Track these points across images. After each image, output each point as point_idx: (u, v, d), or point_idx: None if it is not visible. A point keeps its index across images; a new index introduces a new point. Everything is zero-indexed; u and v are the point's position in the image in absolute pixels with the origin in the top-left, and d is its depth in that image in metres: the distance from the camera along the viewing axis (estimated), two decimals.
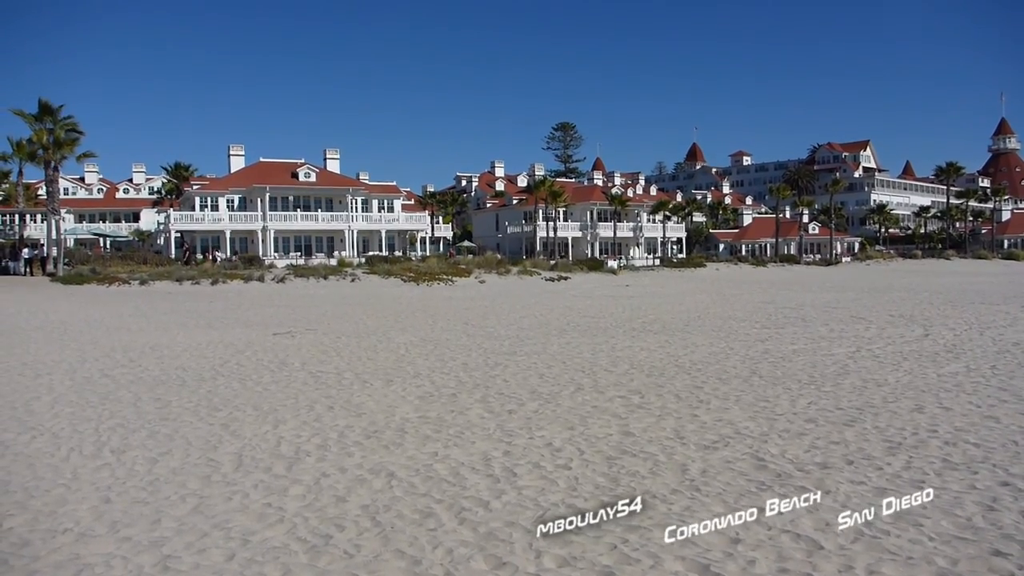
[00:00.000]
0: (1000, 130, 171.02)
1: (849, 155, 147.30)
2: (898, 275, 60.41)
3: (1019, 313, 25.00)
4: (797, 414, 10.40)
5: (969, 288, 40.69)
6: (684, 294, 39.32)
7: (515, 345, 18.50)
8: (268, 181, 66.46)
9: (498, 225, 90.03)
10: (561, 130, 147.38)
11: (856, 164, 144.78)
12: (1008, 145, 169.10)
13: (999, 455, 8.17)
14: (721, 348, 17.37)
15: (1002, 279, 50.94)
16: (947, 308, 27.62)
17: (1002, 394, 11.51)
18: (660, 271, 68.11)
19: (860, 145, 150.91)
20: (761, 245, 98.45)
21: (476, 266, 57.71)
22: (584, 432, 9.55)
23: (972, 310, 26.54)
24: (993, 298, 32.49)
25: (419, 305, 32.68)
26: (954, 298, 32.92)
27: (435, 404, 11.46)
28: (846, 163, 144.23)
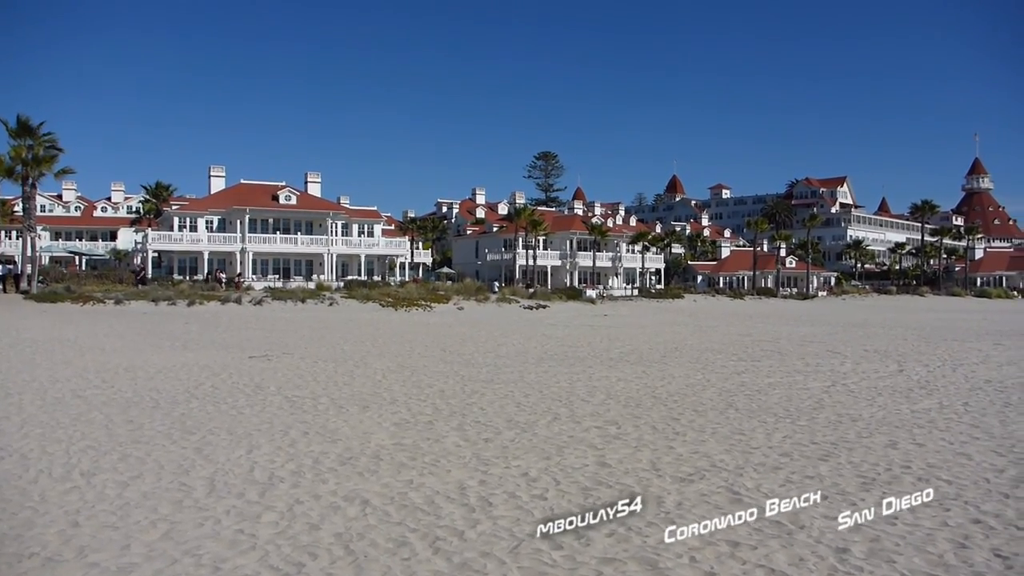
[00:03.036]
0: (974, 170, 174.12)
1: (826, 191, 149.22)
2: (873, 310, 61.02)
3: (991, 350, 25.32)
4: (772, 448, 10.45)
5: (942, 325, 41.17)
6: (662, 325, 39.49)
7: (493, 373, 18.47)
8: (248, 203, 66.23)
9: (478, 252, 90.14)
10: (543, 159, 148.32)
11: (833, 200, 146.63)
12: (981, 185, 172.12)
13: (971, 492, 8.24)
14: (698, 380, 17.44)
15: (975, 316, 51.60)
16: (921, 344, 27.92)
17: (974, 431, 11.63)
18: (638, 301, 68.38)
19: (837, 181, 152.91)
20: (739, 278, 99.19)
21: (455, 293, 57.68)
22: (560, 462, 9.53)
23: (945, 347, 26.84)
24: (966, 335, 32.89)
25: (397, 331, 32.57)
26: (928, 334, 33.29)
27: (411, 431, 11.39)
28: (823, 198, 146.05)
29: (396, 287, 59.48)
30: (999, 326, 40.18)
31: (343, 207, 75.55)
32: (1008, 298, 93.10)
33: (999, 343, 28.47)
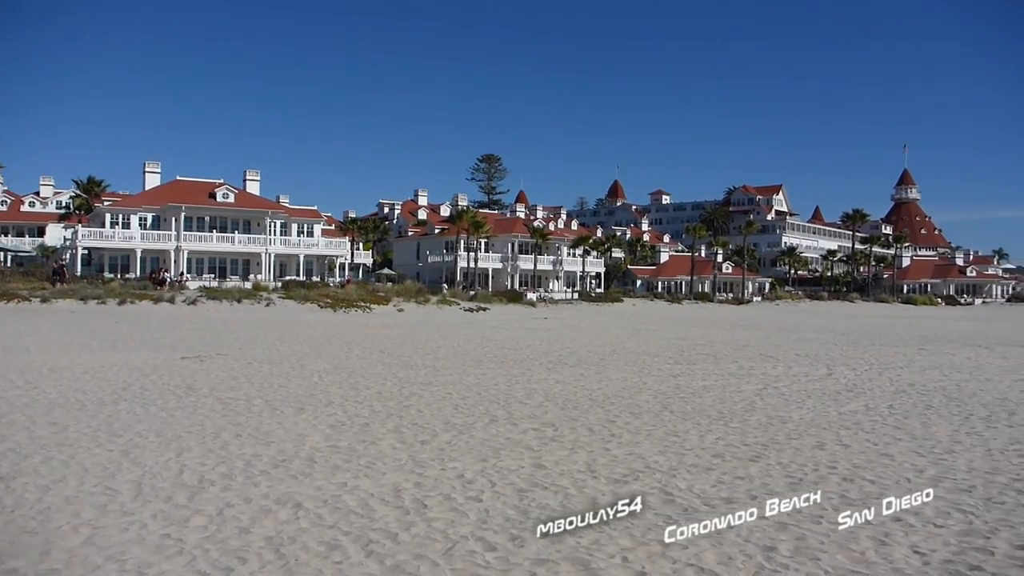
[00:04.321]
0: (903, 180, 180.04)
1: (763, 198, 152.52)
2: (805, 316, 62.55)
3: (915, 355, 26.17)
4: (705, 449, 10.62)
5: (871, 330, 42.42)
6: (601, 328, 39.85)
7: (431, 375, 18.41)
8: (184, 200, 64.84)
9: (419, 254, 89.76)
10: (486, 162, 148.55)
11: (769, 207, 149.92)
12: (910, 195, 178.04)
13: (893, 492, 8.50)
14: (635, 382, 17.64)
15: (901, 322, 53.30)
16: (849, 349, 28.71)
17: (897, 432, 12.00)
18: (578, 305, 68.88)
19: (773, 189, 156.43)
20: (677, 282, 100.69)
21: (395, 294, 57.31)
22: (496, 464, 9.55)
23: (872, 351, 27.65)
24: (892, 340, 33.94)
25: (335, 332, 32.22)
26: (857, 339, 34.26)
27: (347, 433, 11.28)
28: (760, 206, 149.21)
29: (335, 288, 58.83)
30: (923, 332, 41.57)
31: (282, 206, 74.44)
32: (932, 305, 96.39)
33: (923, 348, 29.44)
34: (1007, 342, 33.60)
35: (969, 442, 11.31)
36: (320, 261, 71.78)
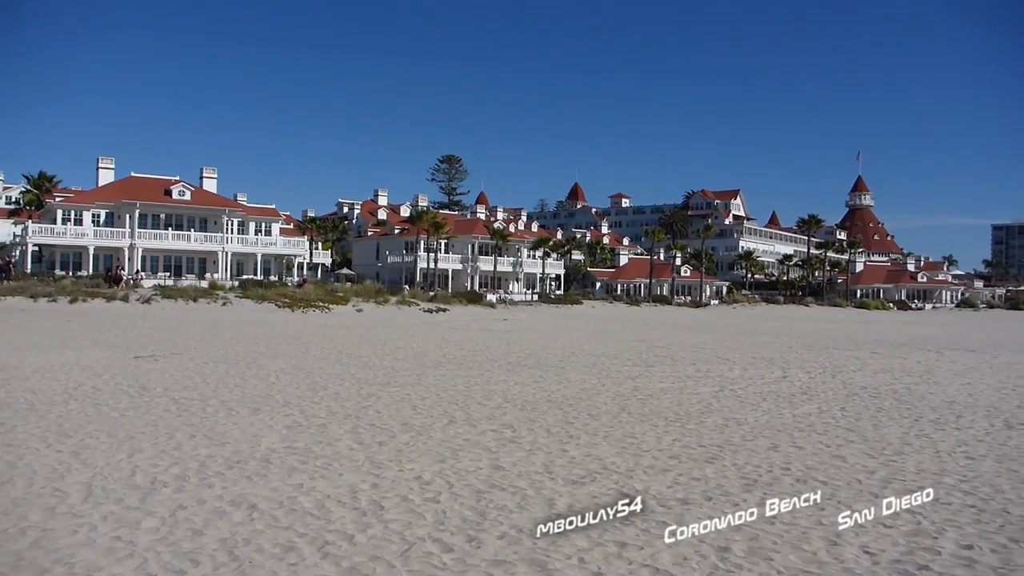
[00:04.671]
0: (857, 187, 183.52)
1: (721, 203, 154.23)
2: (762, 319, 63.41)
3: (867, 358, 26.68)
4: (662, 450, 10.72)
5: (825, 334, 43.14)
6: (560, 330, 39.99)
7: (389, 376, 18.31)
8: (139, 197, 63.70)
9: (379, 254, 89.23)
10: (447, 162, 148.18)
11: (727, 211, 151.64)
12: (863, 202, 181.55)
13: (844, 492, 8.66)
14: (593, 384, 17.73)
15: (854, 326, 54.30)
16: (804, 352, 29.17)
17: (849, 434, 12.23)
18: (538, 307, 69.04)
19: (731, 194, 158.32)
20: (636, 285, 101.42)
21: (354, 294, 56.91)
22: (455, 465, 9.53)
23: (826, 354, 28.13)
24: (845, 344, 34.56)
25: (293, 332, 31.91)
26: (811, 342, 34.82)
27: (303, 434, 11.18)
28: (718, 210, 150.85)
29: (293, 288, 58.24)
30: (875, 336, 42.40)
31: (240, 204, 73.50)
32: (884, 309, 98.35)
33: (875, 352, 30.02)
34: (956, 347, 34.41)
35: (918, 444, 11.56)
36: (278, 260, 71.00)
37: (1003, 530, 7.35)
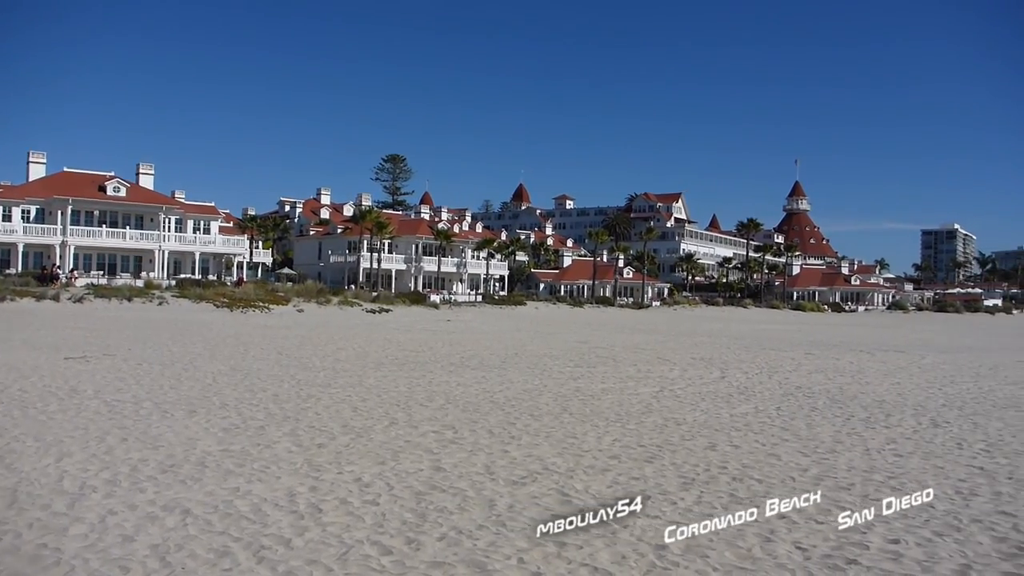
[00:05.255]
0: (794, 192, 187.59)
1: (663, 206, 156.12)
2: (702, 320, 64.41)
3: (803, 359, 27.31)
4: (602, 450, 10.81)
5: (762, 335, 44.02)
6: (503, 331, 40.04)
7: (330, 377, 18.12)
8: (72, 193, 61.84)
9: (321, 254, 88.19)
10: (391, 162, 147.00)
11: (669, 214, 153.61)
12: (800, 206, 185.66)
13: (778, 490, 8.85)
14: (535, 385, 17.80)
15: (790, 327, 55.51)
16: (742, 353, 29.72)
17: (784, 433, 12.50)
18: (482, 307, 69.03)
19: (673, 197, 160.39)
20: (579, 286, 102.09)
21: (295, 294, 56.17)
22: (395, 467, 9.47)
23: (763, 355, 28.71)
24: (781, 345, 35.32)
25: (231, 333, 31.34)
26: (749, 343, 35.49)
27: (240, 437, 10.98)
28: (660, 213, 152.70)
29: (232, 287, 57.20)
30: (810, 337, 43.41)
31: (178, 201, 71.80)
32: (819, 311, 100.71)
33: (810, 352, 30.74)
34: (886, 347, 35.43)
35: (850, 442, 11.87)
36: (217, 259, 69.67)
37: (928, 525, 7.59)
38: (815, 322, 69.57)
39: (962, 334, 53.32)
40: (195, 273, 64.80)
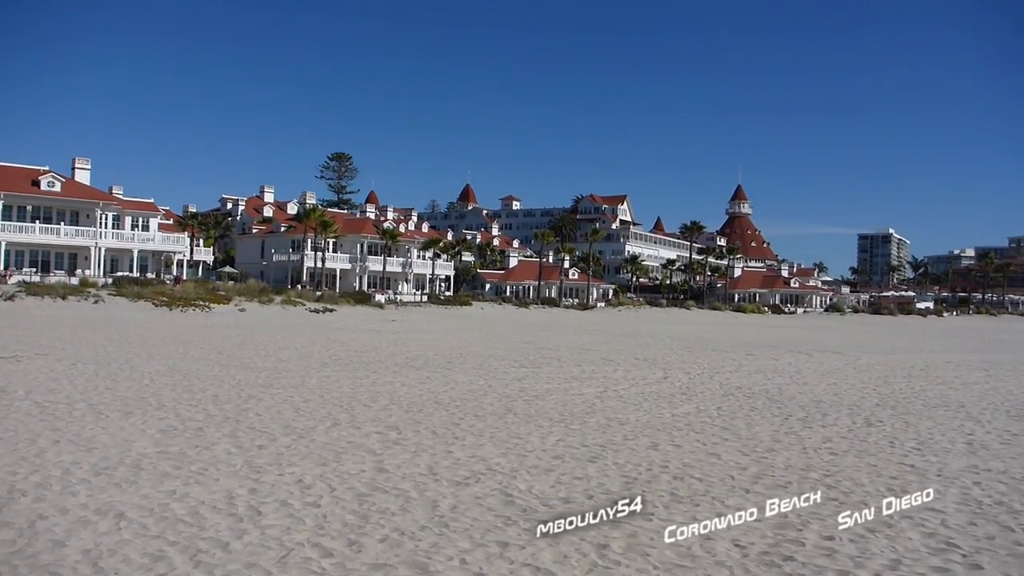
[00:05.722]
0: (736, 196, 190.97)
1: (608, 207, 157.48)
2: (646, 321, 65.12)
3: (743, 360, 27.80)
4: (546, 451, 10.85)
5: (704, 336, 44.70)
6: (449, 331, 39.95)
7: (272, 377, 17.85)
8: (3, 187, 59.69)
9: (264, 252, 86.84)
10: (336, 160, 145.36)
11: (614, 216, 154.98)
12: (742, 210, 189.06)
13: (718, 489, 9.00)
14: (480, 385, 17.79)
15: (732, 329, 56.48)
16: (685, 353, 30.14)
17: (724, 433, 12.71)
18: (427, 308, 68.75)
19: (619, 199, 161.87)
20: (525, 287, 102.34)
21: (237, 293, 55.21)
22: (337, 468, 9.37)
23: (705, 356, 29.15)
24: (723, 346, 35.91)
25: (170, 332, 30.67)
26: (691, 344, 36.00)
27: (178, 438, 10.75)
28: (605, 215, 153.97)
29: (172, 286, 55.97)
30: (751, 338, 44.23)
31: (115, 197, 69.92)
32: (760, 313, 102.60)
33: (750, 353, 31.31)
34: (824, 349, 36.28)
35: (787, 441, 12.13)
36: (156, 257, 68.07)
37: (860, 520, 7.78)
38: (755, 323, 70.88)
39: (896, 336, 54.91)
40: (133, 271, 63.22)
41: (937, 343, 46.34)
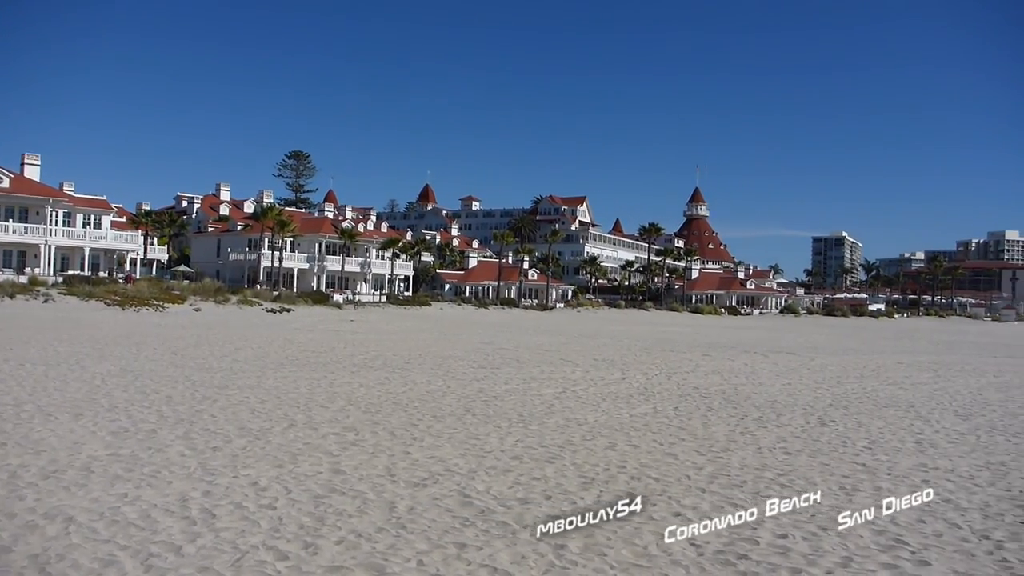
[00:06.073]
0: (694, 198, 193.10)
1: (568, 208, 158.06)
2: (604, 322, 65.50)
3: (700, 360, 28.11)
4: (504, 451, 10.86)
5: (662, 337, 45.09)
6: (408, 332, 39.78)
7: (227, 378, 17.61)
8: None
9: (220, 251, 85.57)
10: (294, 158, 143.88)
11: (574, 217, 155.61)
12: (700, 212, 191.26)
13: (674, 488, 9.08)
14: (439, 386, 17.75)
15: (689, 330, 57.06)
16: (642, 354, 30.37)
17: (681, 433, 12.84)
18: (386, 308, 68.38)
19: (578, 200, 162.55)
20: (484, 288, 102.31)
21: (192, 293, 54.36)
22: (293, 470, 9.28)
23: (663, 357, 29.41)
24: (681, 346, 36.26)
25: (123, 332, 30.10)
26: (649, 345, 36.30)
27: (130, 440, 10.55)
28: (565, 216, 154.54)
29: (125, 284, 54.91)
30: (708, 339, 44.72)
31: (66, 194, 68.38)
32: (716, 314, 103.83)
33: (707, 354, 31.66)
34: (779, 349, 36.83)
35: (743, 441, 12.29)
36: (109, 255, 66.77)
37: (814, 520, 7.92)
38: (712, 325, 71.68)
39: (848, 337, 55.93)
40: (85, 270, 61.91)
41: (888, 344, 47.31)
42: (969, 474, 10.39)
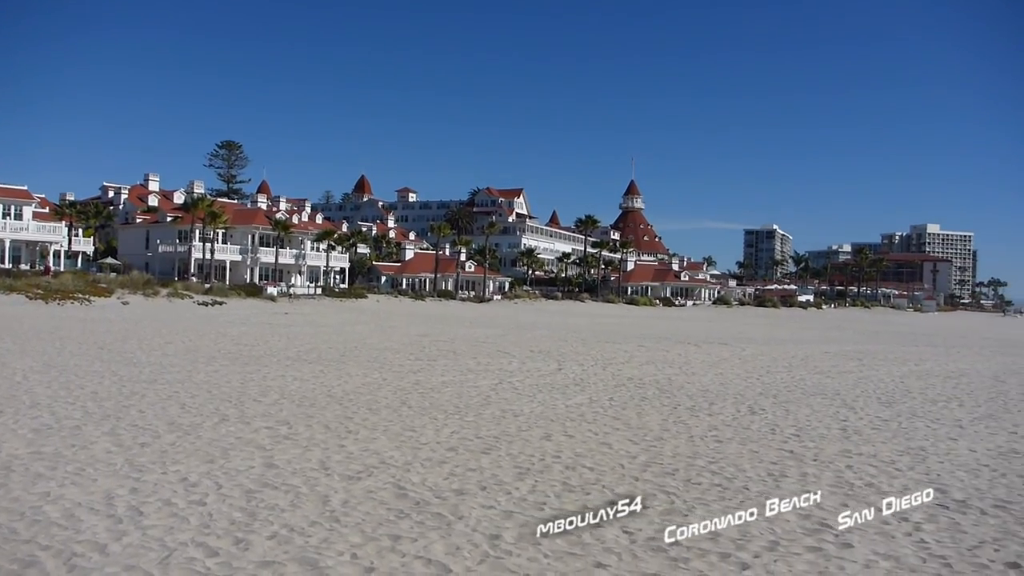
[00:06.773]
0: (629, 191, 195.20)
1: (505, 200, 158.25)
2: (541, 314, 65.85)
3: (635, 351, 28.49)
4: (440, 443, 10.85)
5: (598, 328, 45.54)
6: (343, 324, 39.37)
7: (156, 373, 17.19)
8: None
9: (149, 243, 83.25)
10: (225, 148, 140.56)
11: (511, 209, 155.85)
12: (635, 204, 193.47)
13: (608, 477, 9.20)
14: (375, 379, 17.62)
15: (624, 321, 57.76)
16: (579, 345, 30.63)
17: (615, 423, 13.01)
18: (321, 300, 67.55)
19: (515, 192, 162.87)
20: (421, 280, 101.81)
21: (119, 286, 52.83)
22: (224, 465, 9.12)
23: (598, 347, 29.71)
24: (616, 337, 36.69)
25: (46, 326, 29.10)
26: (585, 336, 36.63)
27: (53, 438, 10.23)
28: (502, 208, 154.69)
29: (46, 278, 53.04)
30: (643, 330, 45.34)
31: None
32: (652, 306, 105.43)
33: (642, 345, 32.11)
34: (711, 340, 37.55)
35: (675, 430, 12.51)
36: (31, 248, 64.43)
37: (742, 505, 8.12)
38: (647, 316, 72.70)
39: (778, 327, 57.34)
40: (5, 263, 59.66)
41: (816, 334, 48.64)
42: (890, 459, 10.77)
